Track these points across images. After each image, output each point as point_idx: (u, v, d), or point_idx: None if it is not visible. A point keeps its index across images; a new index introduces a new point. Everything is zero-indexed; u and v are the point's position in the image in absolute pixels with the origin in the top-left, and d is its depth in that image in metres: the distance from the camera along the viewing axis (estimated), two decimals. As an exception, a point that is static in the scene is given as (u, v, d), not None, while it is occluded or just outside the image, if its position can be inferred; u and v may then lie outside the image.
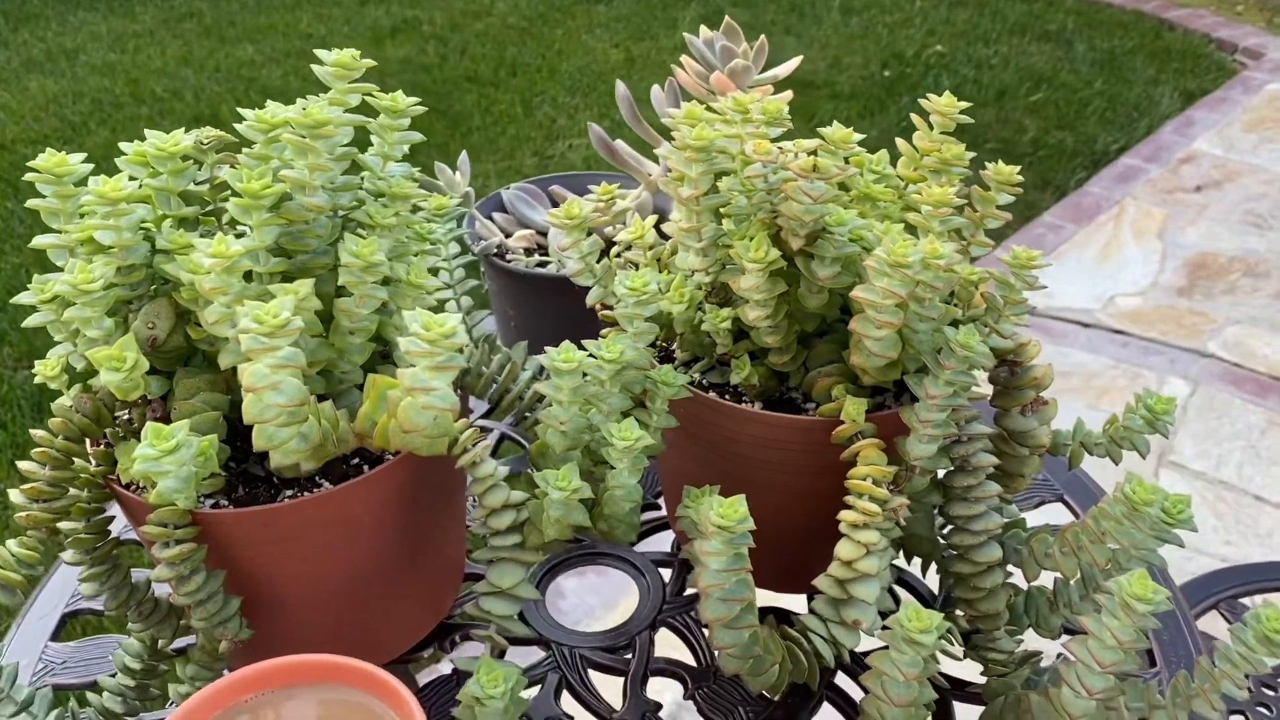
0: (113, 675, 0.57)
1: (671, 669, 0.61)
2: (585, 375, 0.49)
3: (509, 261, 0.77)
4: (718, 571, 0.46)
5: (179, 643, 0.58)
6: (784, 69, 0.78)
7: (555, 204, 0.82)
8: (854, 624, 0.51)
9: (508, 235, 0.79)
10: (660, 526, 0.71)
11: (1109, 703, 0.51)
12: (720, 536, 0.45)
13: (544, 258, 0.78)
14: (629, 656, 0.62)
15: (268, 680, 0.45)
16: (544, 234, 0.80)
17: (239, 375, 0.42)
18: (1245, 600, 1.05)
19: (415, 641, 0.60)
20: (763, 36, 0.78)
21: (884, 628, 0.48)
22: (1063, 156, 2.79)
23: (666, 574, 0.67)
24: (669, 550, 0.69)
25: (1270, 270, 2.36)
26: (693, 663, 0.62)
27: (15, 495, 0.48)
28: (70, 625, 0.66)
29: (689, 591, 0.66)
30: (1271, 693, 0.97)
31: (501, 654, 0.52)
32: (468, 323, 0.63)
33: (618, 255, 0.58)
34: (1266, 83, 3.16)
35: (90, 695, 0.57)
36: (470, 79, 3.13)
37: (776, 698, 0.59)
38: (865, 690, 0.50)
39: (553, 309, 0.76)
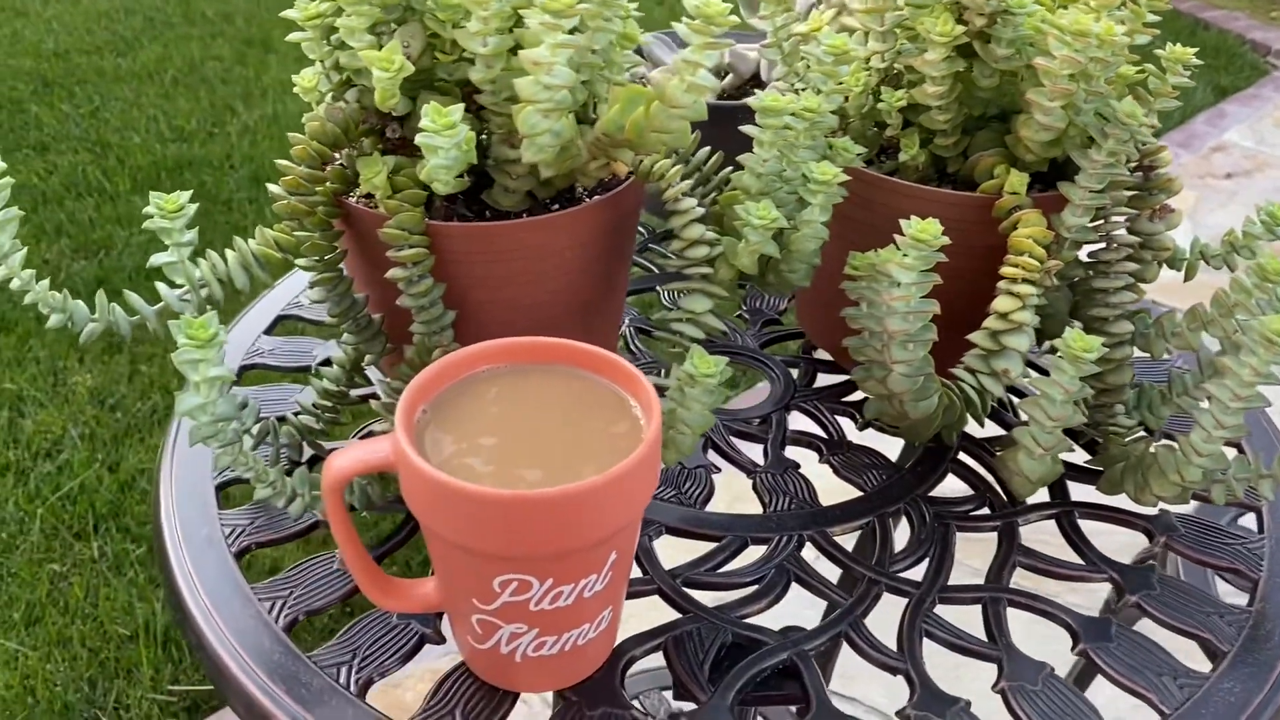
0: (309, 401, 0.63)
1: (807, 439, 0.67)
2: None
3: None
4: (908, 285, 0.51)
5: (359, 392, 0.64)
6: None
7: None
8: (1003, 373, 0.57)
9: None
10: (785, 336, 0.77)
11: (1221, 470, 0.56)
12: (916, 250, 0.50)
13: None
14: (767, 429, 0.68)
15: (510, 354, 0.50)
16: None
17: (521, 60, 0.47)
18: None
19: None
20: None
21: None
22: (1097, 137, 2.84)
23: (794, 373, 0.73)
24: (796, 354, 0.75)
25: (1296, 253, 2.42)
26: (825, 436, 0.68)
27: (274, 188, 0.54)
28: (280, 325, 0.76)
29: (818, 384, 0.72)
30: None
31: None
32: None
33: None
34: (1298, 84, 3.23)
35: (289, 417, 0.63)
36: None
37: (909, 463, 0.64)
38: (1013, 429, 0.56)
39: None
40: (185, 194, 0.51)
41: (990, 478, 0.64)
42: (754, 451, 0.66)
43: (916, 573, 0.58)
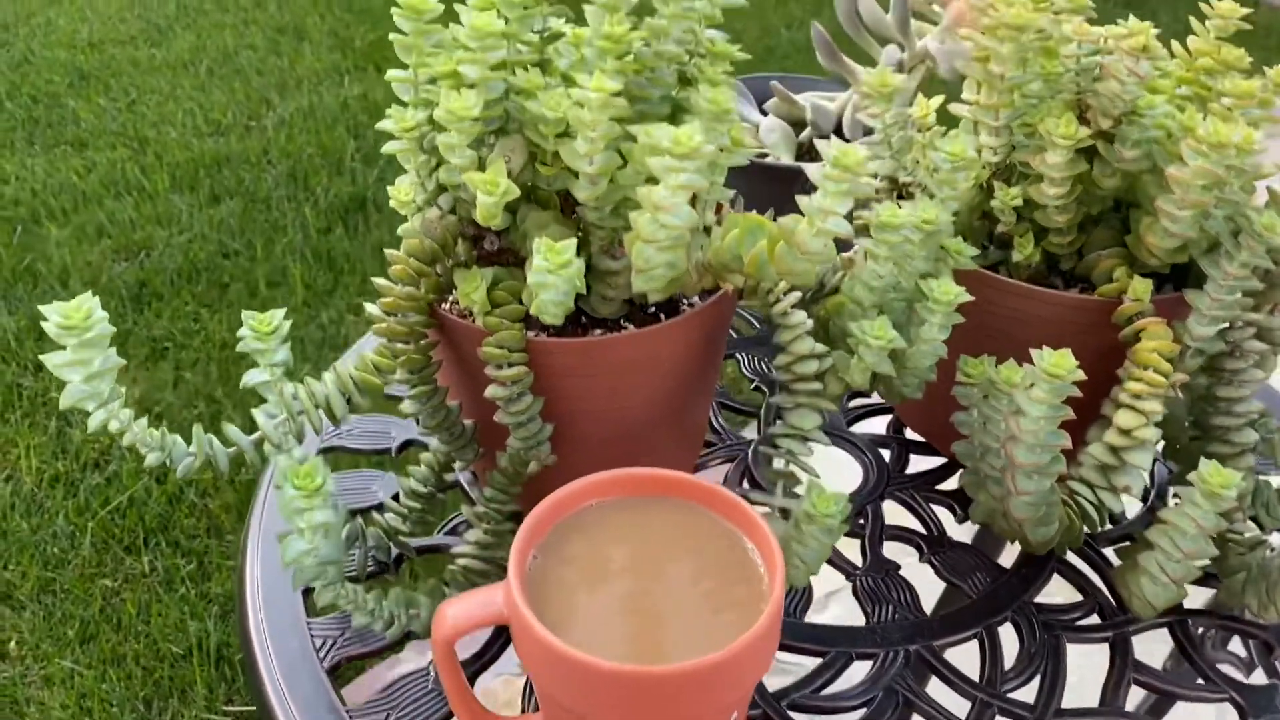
0: (395, 499, 0.62)
1: (905, 535, 0.65)
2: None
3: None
4: (1036, 419, 0.49)
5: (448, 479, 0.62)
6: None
7: (763, 101, 0.85)
8: (1123, 489, 0.54)
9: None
10: (872, 411, 0.75)
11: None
12: (1048, 384, 0.48)
13: (761, 150, 0.81)
14: (862, 522, 0.65)
15: (620, 487, 0.47)
16: (754, 128, 0.83)
17: (639, 198, 0.44)
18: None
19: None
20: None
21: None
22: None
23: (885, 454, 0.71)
24: (884, 432, 0.73)
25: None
26: (924, 531, 0.65)
27: (371, 308, 0.52)
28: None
29: (910, 470, 0.70)
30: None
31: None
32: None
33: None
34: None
35: (374, 515, 0.61)
36: None
37: (1009, 567, 0.62)
38: (1135, 551, 0.53)
39: (766, 196, 0.78)
40: (279, 313, 0.50)
41: (1097, 579, 0.62)
42: (850, 548, 0.64)
43: (1027, 692, 0.56)
